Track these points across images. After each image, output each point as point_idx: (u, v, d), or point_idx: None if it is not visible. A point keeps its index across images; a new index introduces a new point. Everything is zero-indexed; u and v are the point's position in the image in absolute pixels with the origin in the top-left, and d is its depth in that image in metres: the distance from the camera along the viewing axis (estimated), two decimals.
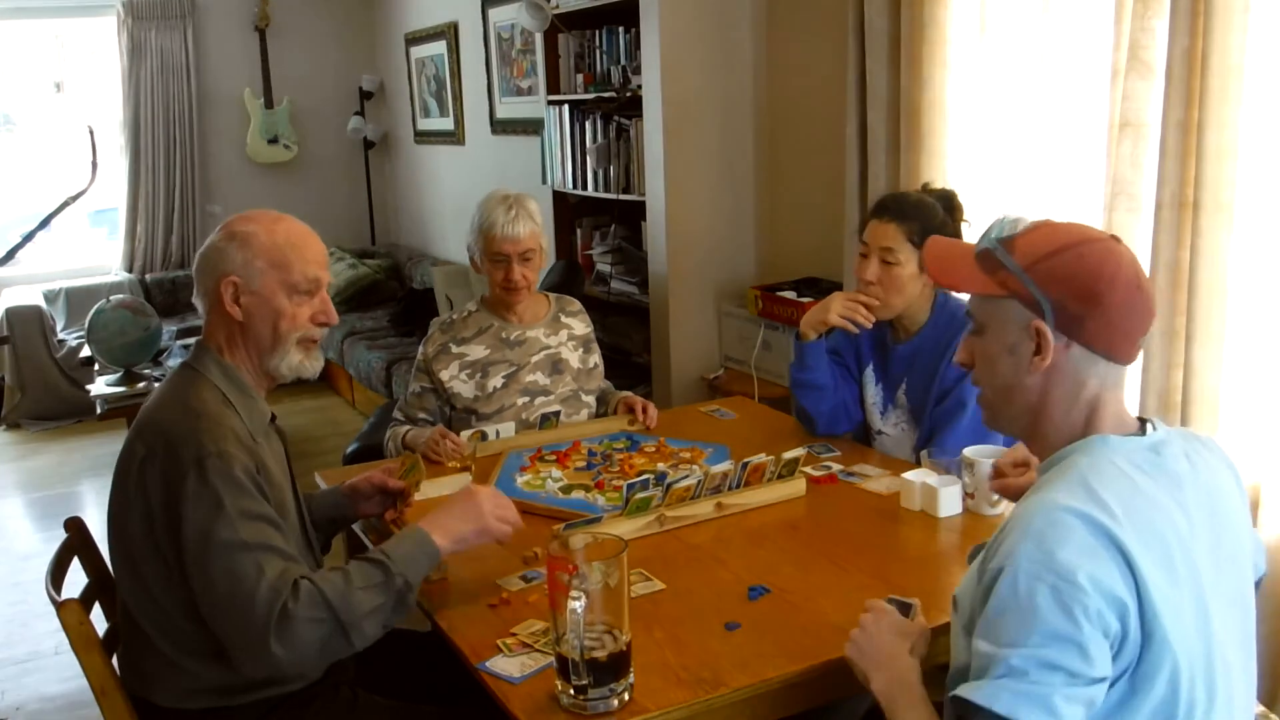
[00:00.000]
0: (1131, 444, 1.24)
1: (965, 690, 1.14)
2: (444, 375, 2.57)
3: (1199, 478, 1.26)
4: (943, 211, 2.25)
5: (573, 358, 2.67)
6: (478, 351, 2.59)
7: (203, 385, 1.65)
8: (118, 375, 4.80)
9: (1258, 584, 1.36)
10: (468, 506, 1.69)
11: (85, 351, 5.23)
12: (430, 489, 2.11)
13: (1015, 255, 1.26)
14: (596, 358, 2.74)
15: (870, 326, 2.30)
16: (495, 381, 2.57)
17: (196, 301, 1.72)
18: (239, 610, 1.50)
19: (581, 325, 2.73)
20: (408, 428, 2.55)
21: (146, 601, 1.61)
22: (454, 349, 2.59)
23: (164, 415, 1.62)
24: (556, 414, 2.53)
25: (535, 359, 2.62)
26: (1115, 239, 1.26)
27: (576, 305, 2.77)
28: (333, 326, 1.78)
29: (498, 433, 2.47)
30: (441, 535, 1.64)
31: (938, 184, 2.59)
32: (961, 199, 2.36)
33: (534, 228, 2.52)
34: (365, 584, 1.54)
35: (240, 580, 1.50)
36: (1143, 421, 1.29)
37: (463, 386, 2.57)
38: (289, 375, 1.73)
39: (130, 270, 6.55)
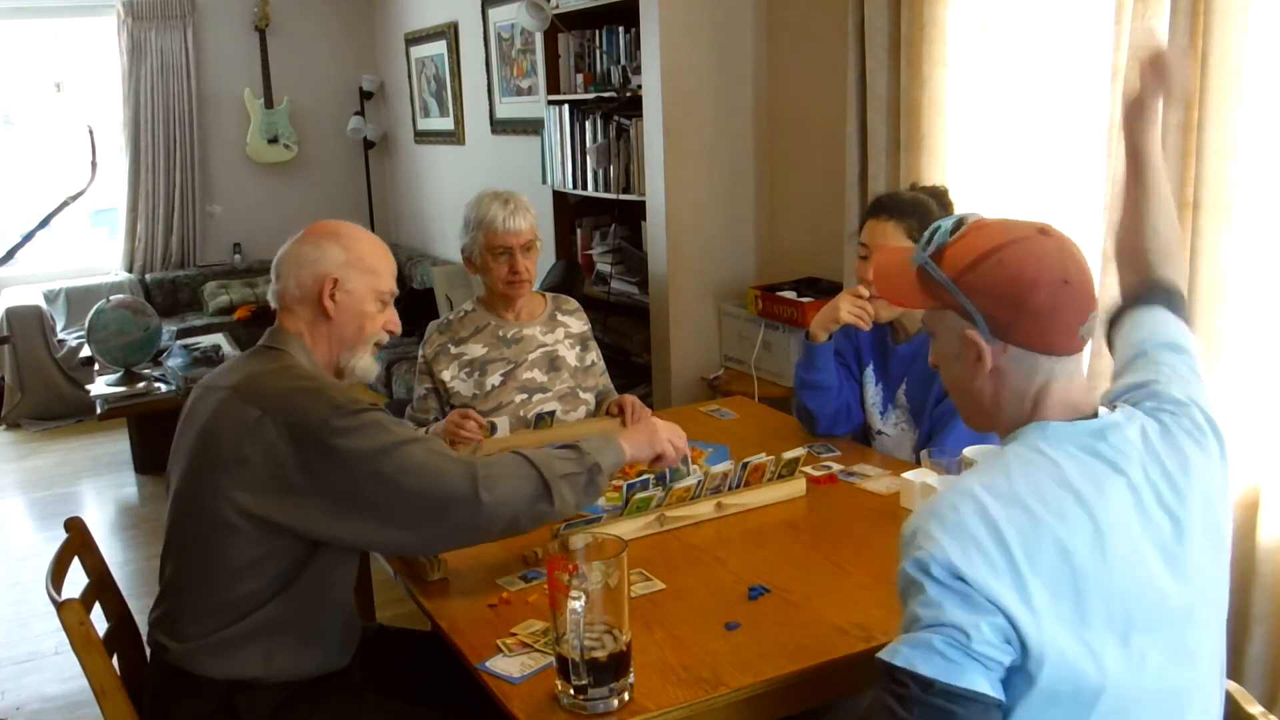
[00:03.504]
0: (1070, 429, 1.23)
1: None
2: (445, 376, 2.58)
3: (1155, 455, 1.24)
4: (937, 207, 2.27)
5: (570, 355, 2.67)
6: (475, 350, 2.60)
7: (294, 361, 1.72)
8: (118, 375, 4.79)
9: None
10: (648, 428, 1.87)
11: (85, 351, 5.23)
12: None
13: (944, 267, 1.27)
14: (594, 355, 2.74)
15: (871, 325, 2.32)
16: (493, 379, 2.58)
17: (274, 296, 1.79)
18: (434, 482, 1.59)
19: (579, 323, 2.73)
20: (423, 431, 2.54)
21: (215, 565, 1.61)
22: (452, 349, 2.60)
23: (271, 382, 1.66)
24: (552, 414, 2.54)
25: (532, 356, 2.62)
26: (1043, 231, 1.26)
27: (574, 304, 2.78)
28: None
29: (498, 426, 2.47)
30: (626, 441, 1.81)
31: (936, 184, 2.60)
32: (954, 196, 2.38)
33: (532, 220, 2.57)
34: (559, 456, 1.70)
35: (427, 463, 1.59)
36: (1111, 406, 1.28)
37: (462, 385, 2.57)
38: (358, 375, 1.82)
39: (130, 270, 6.55)
